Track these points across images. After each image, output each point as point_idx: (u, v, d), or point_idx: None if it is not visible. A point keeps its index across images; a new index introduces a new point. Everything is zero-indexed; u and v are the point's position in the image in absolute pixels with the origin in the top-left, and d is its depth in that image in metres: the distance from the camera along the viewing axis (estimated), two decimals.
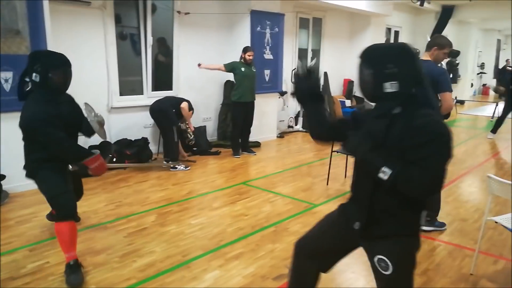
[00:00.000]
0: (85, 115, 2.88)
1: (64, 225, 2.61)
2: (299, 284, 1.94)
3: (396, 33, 11.47)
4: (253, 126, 6.24)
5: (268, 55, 6.91)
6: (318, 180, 4.96)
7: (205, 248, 3.15)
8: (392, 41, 11.35)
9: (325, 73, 9.14)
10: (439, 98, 3.17)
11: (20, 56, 4.01)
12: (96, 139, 5.32)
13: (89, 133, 2.91)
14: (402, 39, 11.62)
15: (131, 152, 5.28)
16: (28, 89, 2.67)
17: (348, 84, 9.68)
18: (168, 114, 5.20)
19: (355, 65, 1.67)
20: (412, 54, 1.56)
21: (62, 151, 2.64)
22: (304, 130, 8.14)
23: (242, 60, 5.80)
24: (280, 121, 7.76)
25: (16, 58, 4.01)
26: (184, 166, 5.29)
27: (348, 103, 9.45)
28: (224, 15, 6.60)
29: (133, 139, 5.52)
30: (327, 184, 4.73)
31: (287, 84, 7.95)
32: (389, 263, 1.59)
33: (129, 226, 3.52)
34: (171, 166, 5.23)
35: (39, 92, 2.61)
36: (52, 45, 4.23)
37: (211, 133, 6.79)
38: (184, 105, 5.30)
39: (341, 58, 9.57)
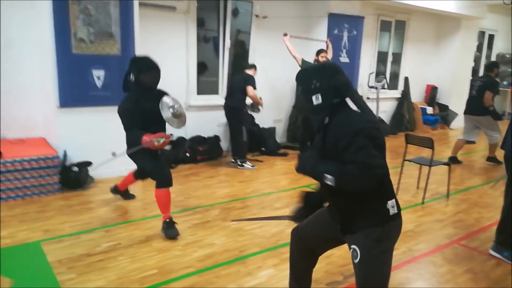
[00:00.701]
0: (164, 106, 3.30)
1: (162, 191, 3.29)
2: (299, 269, 2.25)
3: (491, 37, 10.51)
4: None
5: (344, 58, 6.80)
6: None
7: (262, 246, 3.22)
8: (485, 45, 10.44)
9: (406, 78, 8.72)
10: None
11: (112, 56, 4.47)
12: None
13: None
14: (497, 43, 10.63)
15: (203, 149, 5.56)
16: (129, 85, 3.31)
17: (431, 90, 9.11)
18: (239, 113, 5.36)
19: (440, 71, 1.73)
20: (332, 70, 1.81)
21: (129, 137, 3.29)
22: None
23: (315, 63, 5.79)
24: None
25: (108, 58, 4.46)
26: (251, 165, 5.43)
27: (429, 110, 8.91)
28: (301, 18, 6.63)
29: (206, 137, 5.80)
30: (396, 193, 4.52)
31: (363, 88, 7.74)
32: (358, 252, 1.78)
33: (194, 217, 3.73)
34: (239, 164, 5.40)
35: (134, 89, 3.25)
36: (140, 47, 4.64)
37: (281, 135, 6.87)
38: (250, 92, 5.28)
39: (424, 63, 9.04)
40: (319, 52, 5.79)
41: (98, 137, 4.50)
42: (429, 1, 7.40)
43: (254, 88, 5.36)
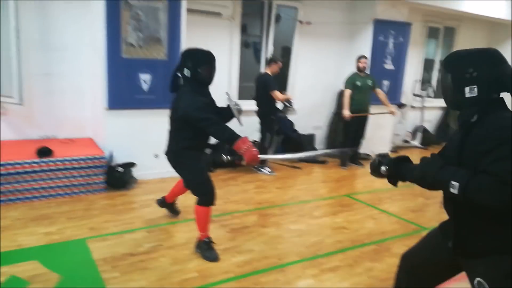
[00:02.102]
0: (227, 102, 3.11)
1: (205, 209, 3.00)
2: None
3: None
4: (366, 138, 6.04)
5: (389, 65, 6.62)
6: (432, 201, 4.59)
7: (301, 255, 3.18)
8: None
9: None
10: None
11: (158, 61, 4.58)
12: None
13: (228, 118, 3.07)
14: None
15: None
16: (180, 83, 2.98)
17: None
18: (265, 119, 5.28)
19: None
20: (495, 57, 1.50)
21: (220, 132, 2.79)
22: (422, 146, 7.58)
23: (356, 70, 5.69)
24: (396, 134, 7.35)
25: (155, 63, 4.58)
26: (269, 170, 5.34)
27: None
28: (346, 24, 6.54)
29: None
30: (441, 207, 4.34)
31: (407, 96, 7.51)
32: (487, 287, 1.50)
33: (232, 222, 3.74)
34: (256, 168, 5.35)
35: (190, 85, 2.91)
36: None
37: (320, 141, 6.78)
38: (278, 97, 5.15)
39: None
40: (359, 57, 5.70)
41: (142, 139, 4.63)
42: (479, 7, 7.08)
43: (275, 89, 5.11)
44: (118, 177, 4.38)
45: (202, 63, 2.88)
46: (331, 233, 3.63)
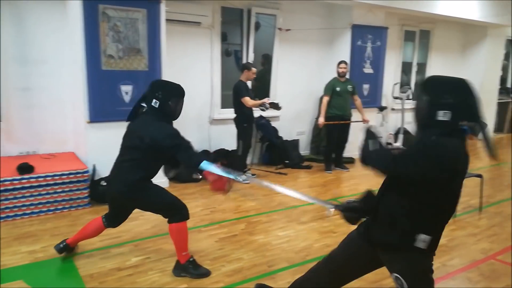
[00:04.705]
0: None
1: (184, 225, 2.89)
2: None
3: None
4: (349, 142, 6.11)
5: (368, 69, 6.75)
6: None
7: (290, 261, 3.18)
8: None
9: None
10: None
11: (139, 71, 4.56)
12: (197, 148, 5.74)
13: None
14: None
15: (227, 162, 5.57)
16: (141, 113, 2.86)
17: None
18: (238, 127, 5.29)
19: (469, 79, 1.74)
20: (468, 88, 1.68)
21: (191, 156, 2.71)
22: (405, 148, 7.70)
23: (336, 75, 5.79)
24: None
25: (136, 74, 4.55)
26: (243, 178, 5.28)
27: None
28: (324, 30, 6.64)
29: (229, 150, 5.81)
30: None
31: (387, 99, 7.64)
32: (404, 283, 1.71)
33: (220, 231, 3.72)
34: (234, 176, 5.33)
35: (156, 116, 2.76)
36: (166, 62, 4.72)
37: (304, 147, 6.83)
38: (249, 103, 5.12)
39: (451, 72, 8.79)
40: (339, 63, 5.79)
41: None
42: (453, 10, 7.29)
43: (245, 95, 5.10)
44: (102, 191, 4.30)
45: (174, 96, 2.81)
46: (319, 238, 3.65)
